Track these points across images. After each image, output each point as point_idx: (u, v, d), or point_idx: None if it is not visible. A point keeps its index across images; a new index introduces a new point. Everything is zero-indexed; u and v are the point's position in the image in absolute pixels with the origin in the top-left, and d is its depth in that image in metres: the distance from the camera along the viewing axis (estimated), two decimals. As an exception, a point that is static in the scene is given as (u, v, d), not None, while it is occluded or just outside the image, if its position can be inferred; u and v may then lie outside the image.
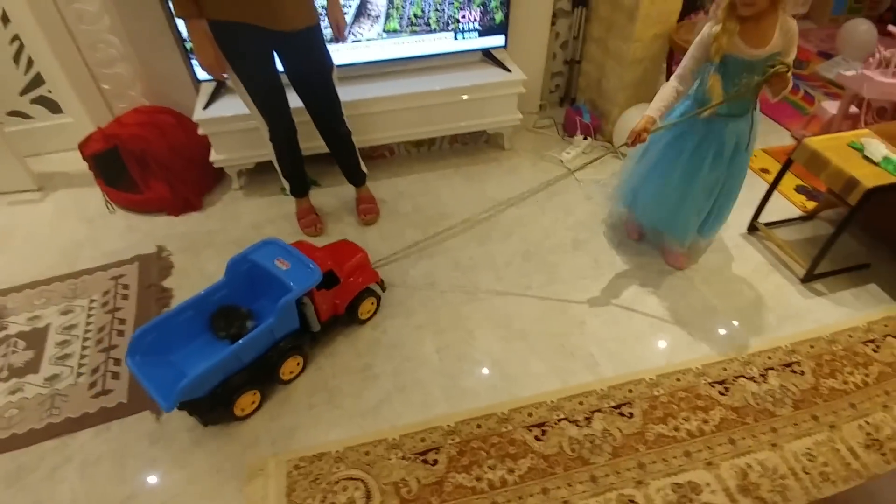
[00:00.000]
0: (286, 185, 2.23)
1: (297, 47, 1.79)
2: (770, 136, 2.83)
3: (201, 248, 2.21)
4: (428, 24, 2.32)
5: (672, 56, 2.86)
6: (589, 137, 2.69)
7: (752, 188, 2.23)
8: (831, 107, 2.72)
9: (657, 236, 2.14)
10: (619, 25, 2.41)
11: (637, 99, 2.56)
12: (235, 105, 2.11)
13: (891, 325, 1.92)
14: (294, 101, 1.97)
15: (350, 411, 1.65)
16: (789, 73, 1.50)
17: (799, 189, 2.48)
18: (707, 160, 1.76)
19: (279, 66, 1.87)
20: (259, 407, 1.65)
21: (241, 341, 1.51)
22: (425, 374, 1.75)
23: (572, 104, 2.87)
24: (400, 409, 1.66)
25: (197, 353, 1.60)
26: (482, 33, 2.40)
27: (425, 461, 1.52)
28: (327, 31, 1.93)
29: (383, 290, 1.93)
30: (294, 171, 2.18)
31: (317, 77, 1.89)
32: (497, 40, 2.44)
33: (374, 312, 1.92)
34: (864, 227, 2.23)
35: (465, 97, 2.42)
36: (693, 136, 1.76)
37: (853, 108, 2.62)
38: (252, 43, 1.72)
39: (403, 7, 2.25)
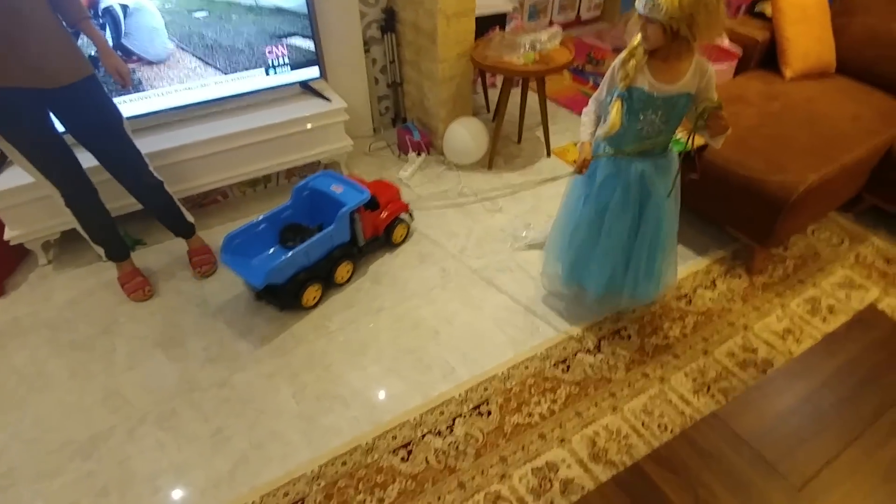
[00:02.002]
0: (100, 251, 2.02)
1: (70, 104, 1.63)
2: (573, 129, 3.07)
3: (7, 340, 1.93)
4: (231, 64, 2.25)
5: (482, 71, 3.08)
6: (422, 153, 2.79)
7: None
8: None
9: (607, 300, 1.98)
10: (426, 48, 2.54)
11: (456, 113, 2.70)
12: (22, 173, 1.87)
13: (698, 278, 2.19)
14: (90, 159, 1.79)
15: (201, 485, 1.52)
16: (724, 113, 1.42)
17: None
18: (613, 201, 1.68)
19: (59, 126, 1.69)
20: (318, 303, 2.06)
21: (310, 239, 1.93)
22: (283, 423, 1.67)
23: (403, 124, 2.95)
24: (258, 467, 1.56)
25: (270, 258, 2.05)
26: (294, 66, 2.38)
27: (291, 515, 1.45)
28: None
29: (412, 219, 2.37)
30: (105, 235, 1.98)
31: (104, 131, 1.74)
32: (312, 72, 2.44)
33: (405, 239, 2.33)
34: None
35: (287, 132, 2.38)
36: (602, 173, 1.69)
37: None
38: (17, 106, 1.54)
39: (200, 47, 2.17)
